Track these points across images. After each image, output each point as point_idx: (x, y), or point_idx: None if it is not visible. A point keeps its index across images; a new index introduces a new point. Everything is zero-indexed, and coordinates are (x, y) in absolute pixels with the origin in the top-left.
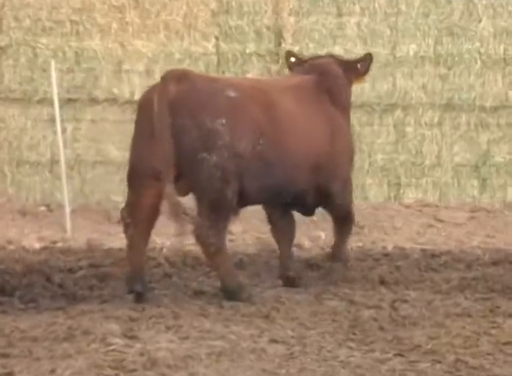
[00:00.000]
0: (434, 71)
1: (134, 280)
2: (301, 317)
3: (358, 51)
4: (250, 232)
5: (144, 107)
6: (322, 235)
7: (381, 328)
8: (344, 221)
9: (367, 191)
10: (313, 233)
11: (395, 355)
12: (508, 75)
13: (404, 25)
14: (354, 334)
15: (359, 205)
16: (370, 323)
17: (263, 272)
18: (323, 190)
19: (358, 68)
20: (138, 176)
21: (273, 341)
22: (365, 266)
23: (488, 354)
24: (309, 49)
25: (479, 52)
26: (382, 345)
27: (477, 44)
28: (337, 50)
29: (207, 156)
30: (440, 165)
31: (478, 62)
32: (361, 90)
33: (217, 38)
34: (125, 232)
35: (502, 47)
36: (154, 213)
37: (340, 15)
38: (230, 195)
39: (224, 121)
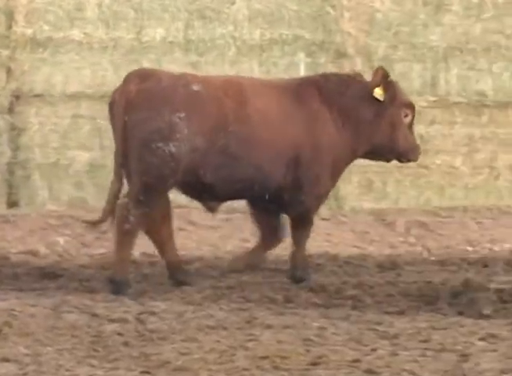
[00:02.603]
0: (184, 59)
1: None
2: (36, 333)
3: (99, 35)
4: None
5: (110, 107)
6: (61, 240)
7: (126, 344)
8: (300, 223)
9: None
10: (50, 238)
11: (142, 372)
12: (265, 63)
13: (150, 6)
14: (96, 350)
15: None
16: (114, 338)
17: None
18: (295, 184)
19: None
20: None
21: (5, 360)
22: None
23: (245, 370)
24: (44, 32)
25: (233, 37)
26: (127, 362)
27: (231, 28)
28: (76, 34)
29: (162, 145)
30: None
31: (232, 48)
32: (102, 79)
33: None
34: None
35: (258, 31)
36: None
37: None
38: (170, 185)
39: (183, 114)
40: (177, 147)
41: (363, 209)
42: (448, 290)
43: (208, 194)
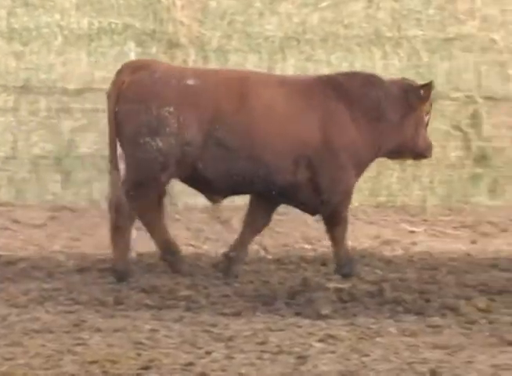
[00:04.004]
0: (7, 48)
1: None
2: None
3: None
4: None
5: (107, 97)
6: None
7: None
8: (333, 222)
9: None
10: None
11: None
12: (94, 53)
13: None
14: None
15: None
16: None
17: None
18: (312, 184)
19: (420, 94)
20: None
21: None
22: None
23: (73, 375)
24: None
25: (60, 26)
26: None
27: (57, 16)
28: None
29: (150, 140)
30: (16, 158)
31: (59, 37)
32: None
33: None
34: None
35: (86, 20)
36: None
37: None
38: (165, 179)
39: (172, 108)
40: (165, 142)
41: (197, 206)
42: (285, 290)
43: (210, 188)
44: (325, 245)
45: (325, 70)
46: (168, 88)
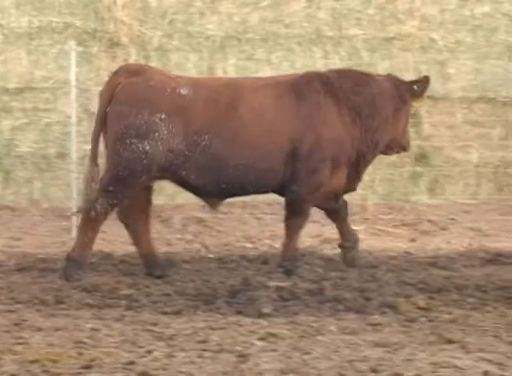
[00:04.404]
0: None
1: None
2: None
3: None
4: None
5: (99, 96)
6: None
7: None
8: (293, 212)
9: None
10: None
11: None
12: (34, 52)
13: None
14: None
15: None
16: None
17: None
18: (292, 175)
19: (414, 89)
20: None
21: None
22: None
23: (13, 375)
24: None
25: (0, 26)
26: None
27: None
28: None
29: (137, 142)
30: None
31: (0, 37)
32: None
33: None
34: None
35: (26, 19)
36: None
37: None
38: (143, 181)
39: (163, 115)
40: (152, 146)
41: None
42: (226, 288)
43: (200, 194)
44: (266, 244)
45: (266, 70)
46: (162, 95)
